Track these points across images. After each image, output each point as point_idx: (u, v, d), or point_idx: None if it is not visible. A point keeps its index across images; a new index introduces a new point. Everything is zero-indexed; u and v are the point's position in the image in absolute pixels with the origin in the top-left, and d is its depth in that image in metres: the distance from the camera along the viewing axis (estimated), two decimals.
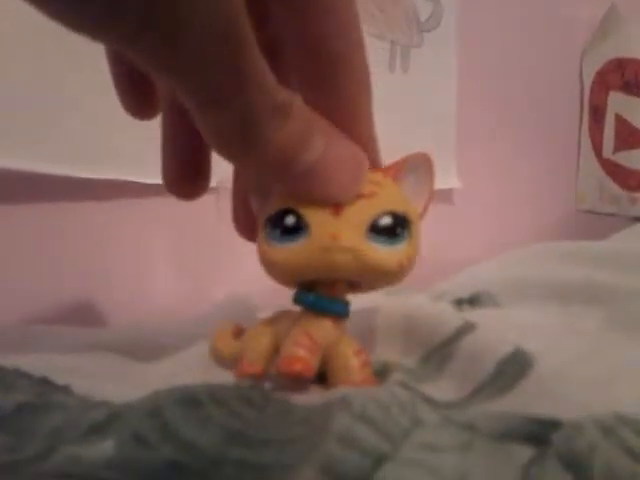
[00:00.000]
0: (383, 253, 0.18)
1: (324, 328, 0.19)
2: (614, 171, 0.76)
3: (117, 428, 0.15)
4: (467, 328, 0.22)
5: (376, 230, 0.18)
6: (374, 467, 0.13)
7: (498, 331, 0.22)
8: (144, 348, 0.24)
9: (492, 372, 0.19)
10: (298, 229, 0.18)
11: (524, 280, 0.33)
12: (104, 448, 0.15)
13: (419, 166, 0.20)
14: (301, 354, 0.18)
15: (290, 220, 0.18)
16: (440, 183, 0.57)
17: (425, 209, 0.20)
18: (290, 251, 0.18)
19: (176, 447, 0.14)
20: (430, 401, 0.18)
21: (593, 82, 0.77)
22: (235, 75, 0.15)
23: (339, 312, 0.20)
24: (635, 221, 0.61)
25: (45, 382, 0.19)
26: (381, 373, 0.22)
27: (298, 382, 0.19)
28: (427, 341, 0.23)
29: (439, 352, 0.22)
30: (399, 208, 0.19)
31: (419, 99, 0.57)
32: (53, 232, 0.37)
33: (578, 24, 0.75)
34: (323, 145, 0.17)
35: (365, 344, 0.21)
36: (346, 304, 0.20)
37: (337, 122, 0.18)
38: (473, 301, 0.32)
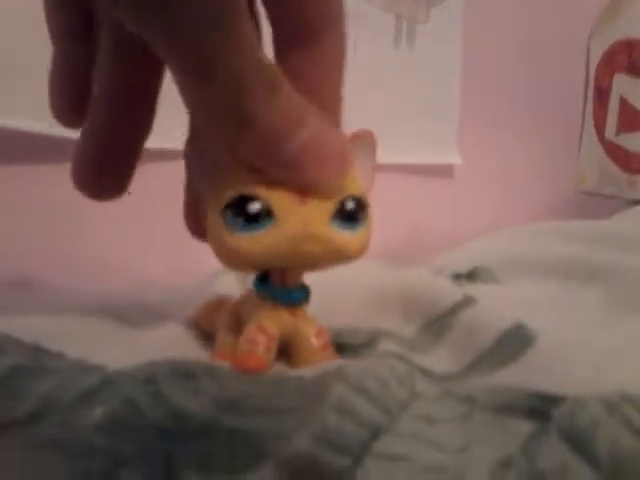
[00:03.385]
0: (347, 239, 0.18)
1: (279, 318, 0.19)
2: (615, 153, 0.75)
3: (109, 394, 0.15)
4: (467, 302, 0.22)
5: (341, 216, 0.18)
6: (371, 438, 0.13)
7: (499, 306, 0.22)
8: (137, 314, 0.24)
9: (492, 345, 0.19)
10: (262, 216, 0.17)
11: (523, 256, 0.33)
12: (95, 414, 0.14)
13: (363, 143, 0.20)
14: (254, 351, 0.18)
15: (255, 207, 0.17)
16: (441, 158, 0.58)
17: (371, 185, 0.20)
18: (256, 240, 0.17)
19: (168, 414, 0.14)
20: (428, 374, 0.18)
21: (599, 63, 0.76)
22: (224, 40, 0.14)
23: (295, 301, 0.19)
24: (634, 204, 0.61)
25: (37, 349, 0.19)
26: (369, 342, 0.21)
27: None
28: (426, 312, 0.23)
29: (437, 323, 0.22)
30: (356, 191, 0.18)
31: (423, 74, 0.57)
32: (53, 192, 0.36)
33: (587, 2, 0.74)
34: (314, 129, 0.16)
35: (357, 315, 0.21)
36: (302, 290, 0.20)
37: (308, 88, 0.18)
38: (471, 276, 0.32)
